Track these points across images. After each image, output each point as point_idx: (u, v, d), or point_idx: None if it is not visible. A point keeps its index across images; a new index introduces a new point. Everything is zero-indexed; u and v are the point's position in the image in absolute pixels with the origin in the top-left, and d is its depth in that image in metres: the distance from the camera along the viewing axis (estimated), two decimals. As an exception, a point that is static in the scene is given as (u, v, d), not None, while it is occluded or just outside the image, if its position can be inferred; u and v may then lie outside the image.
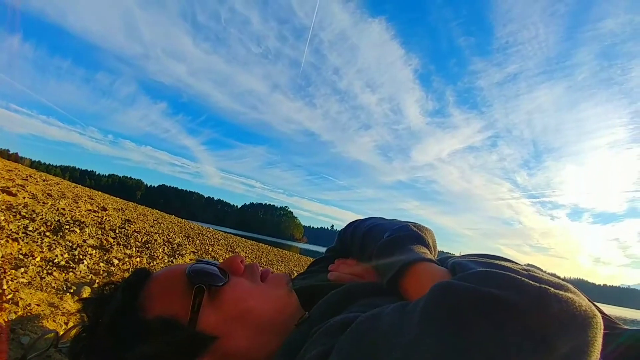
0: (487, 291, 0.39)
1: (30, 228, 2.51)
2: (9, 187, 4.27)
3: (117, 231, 3.86)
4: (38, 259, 1.90)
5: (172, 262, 3.21)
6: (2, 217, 2.55)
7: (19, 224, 2.52)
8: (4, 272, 1.52)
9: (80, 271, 1.96)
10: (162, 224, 7.27)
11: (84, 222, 3.58)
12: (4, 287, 1.35)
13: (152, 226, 6.03)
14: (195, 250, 4.57)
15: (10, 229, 2.28)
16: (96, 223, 3.89)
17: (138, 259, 2.78)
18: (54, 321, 1.24)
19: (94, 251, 2.51)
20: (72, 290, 1.62)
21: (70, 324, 1.23)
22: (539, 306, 0.37)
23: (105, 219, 4.59)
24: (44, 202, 4.10)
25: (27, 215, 2.94)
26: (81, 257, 2.23)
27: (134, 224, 5.18)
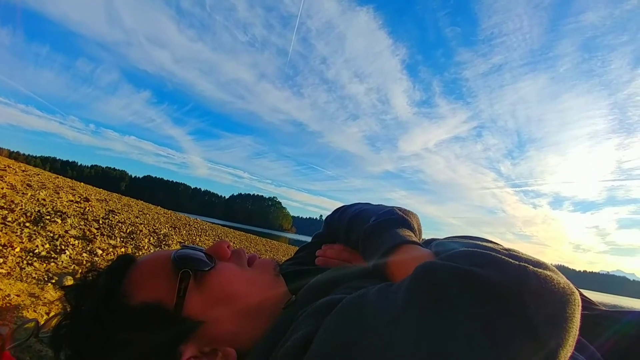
0: (468, 269, 0.40)
1: (9, 219, 2.44)
2: (-15, 178, 4.13)
3: (101, 222, 3.79)
4: (18, 249, 1.85)
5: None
6: (-21, 208, 2.47)
7: (-3, 214, 2.44)
8: (-18, 263, 1.48)
9: (62, 261, 1.92)
10: (148, 215, 7.16)
11: (65, 212, 3.49)
12: (-18, 278, 1.31)
13: (137, 217, 5.94)
14: (182, 241, 4.54)
15: (-12, 220, 2.21)
16: (78, 214, 3.80)
17: (123, 249, 2.74)
18: (35, 311, 1.21)
19: (77, 242, 2.46)
20: (53, 281, 1.58)
21: (52, 314, 1.21)
22: (519, 283, 0.38)
23: (88, 209, 4.49)
24: (23, 193, 3.99)
25: (5, 206, 2.85)
26: (63, 247, 2.18)
27: (118, 214, 5.09)
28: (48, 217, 2.88)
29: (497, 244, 0.58)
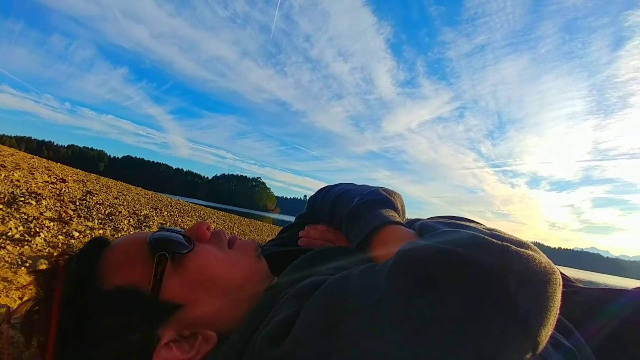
0: (451, 249, 0.40)
1: (-22, 200, 2.33)
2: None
3: (78, 203, 3.67)
4: (-12, 232, 1.78)
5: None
6: (-56, 189, 2.35)
7: (-36, 196, 2.33)
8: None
9: (37, 244, 1.86)
10: (128, 196, 6.99)
11: (40, 194, 3.37)
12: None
13: (116, 198, 5.79)
14: (164, 222, 4.47)
15: (-46, 202, 2.10)
16: (54, 195, 3.67)
17: (101, 231, 2.67)
18: (7, 296, 1.17)
19: (52, 224, 2.37)
20: (27, 264, 1.53)
21: (25, 298, 1.17)
22: (501, 262, 0.38)
23: (65, 190, 4.34)
24: (-7, 174, 3.81)
25: (-27, 187, 2.72)
26: (37, 230, 2.11)
27: (96, 195, 4.94)
28: (22, 199, 2.77)
29: (480, 223, 0.58)
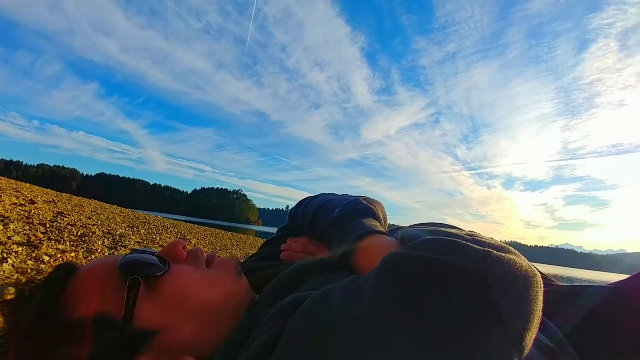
0: (433, 257, 0.40)
1: (-63, 227, 2.18)
2: None
3: (48, 225, 3.50)
4: (-52, 261, 1.66)
5: (113, 253, 3.00)
6: None
7: None
8: None
9: (4, 271, 1.75)
10: (102, 215, 6.73)
11: (8, 217, 3.20)
12: None
13: (89, 218, 5.57)
14: (141, 240, 4.30)
15: None
16: (23, 218, 3.49)
17: (73, 254, 2.55)
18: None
19: (20, 248, 2.25)
20: (-7, 294, 1.43)
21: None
22: (483, 268, 0.38)
23: (34, 212, 4.14)
24: (-46, 198, 3.59)
25: None
26: (5, 255, 1.99)
27: (67, 216, 4.74)
28: (-15, 224, 2.61)
29: (461, 229, 0.59)
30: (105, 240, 3.67)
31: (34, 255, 2.21)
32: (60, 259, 2.29)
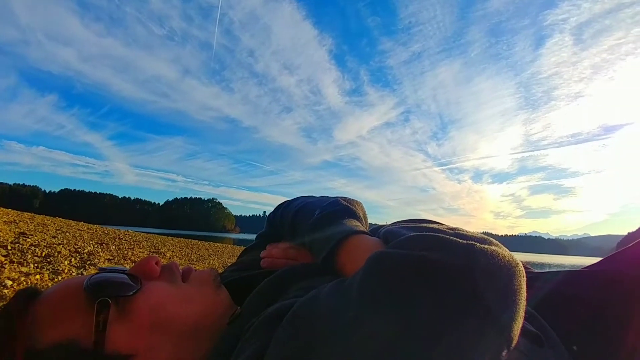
0: (418, 255, 0.39)
1: None
2: None
3: (10, 247, 3.27)
4: None
5: (82, 274, 2.84)
6: None
7: None
8: None
9: (-42, 302, 1.61)
10: (68, 233, 6.37)
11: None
12: None
13: (54, 237, 5.26)
14: (111, 257, 4.09)
15: None
16: (-22, 242, 3.25)
17: (38, 277, 2.39)
18: None
19: (-23, 275, 2.08)
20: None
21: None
22: (468, 262, 0.38)
23: (-9, 235, 3.86)
24: None
25: None
26: (-42, 284, 1.83)
27: (30, 236, 4.45)
28: None
29: (442, 224, 0.58)
30: (73, 259, 3.46)
31: (-7, 281, 2.05)
32: (25, 283, 2.14)
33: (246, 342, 0.44)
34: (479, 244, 0.40)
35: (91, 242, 5.49)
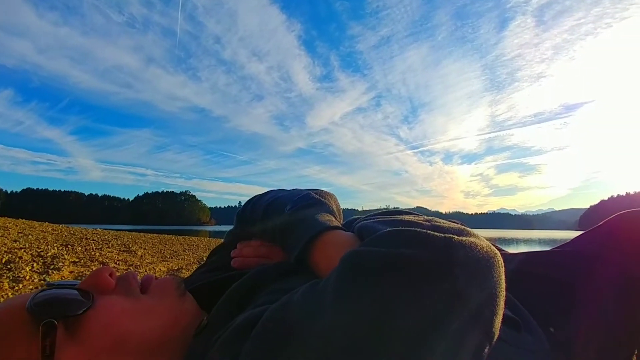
0: (395, 252, 0.37)
1: None
2: None
3: (-39, 256, 3.04)
4: None
5: (45, 279, 2.67)
6: None
7: None
8: None
9: None
10: (31, 236, 6.01)
11: None
12: None
13: (15, 241, 4.94)
14: (77, 260, 3.88)
15: None
16: None
17: (-5, 286, 2.23)
18: None
19: None
20: None
21: None
22: (447, 257, 0.36)
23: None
24: None
25: None
26: None
27: (-13, 242, 4.16)
28: None
29: (418, 214, 0.56)
30: (35, 264, 3.26)
31: (-59, 294, 1.89)
32: (-22, 295, 1.99)
33: (212, 358, 0.40)
34: (457, 237, 0.38)
35: (55, 244, 5.19)
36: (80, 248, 5.21)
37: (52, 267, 3.23)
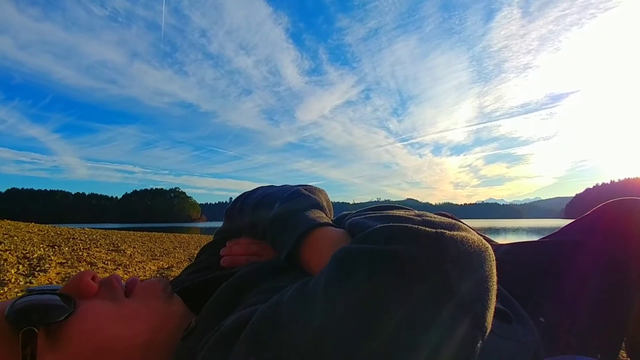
0: (386, 249, 0.36)
1: None
2: None
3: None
4: None
5: (31, 282, 2.61)
6: None
7: None
8: None
9: None
10: (16, 237, 5.86)
11: None
12: None
13: (0, 242, 4.82)
14: (65, 261, 3.80)
15: None
16: None
17: (-21, 290, 2.17)
18: None
19: None
20: None
21: None
22: (438, 253, 0.36)
23: None
24: None
25: None
26: None
27: (-31, 245, 4.04)
28: None
29: (409, 209, 0.56)
30: (21, 266, 3.18)
31: None
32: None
33: None
34: (448, 232, 0.38)
35: (42, 245, 5.08)
36: (67, 248, 5.10)
37: (38, 269, 3.16)
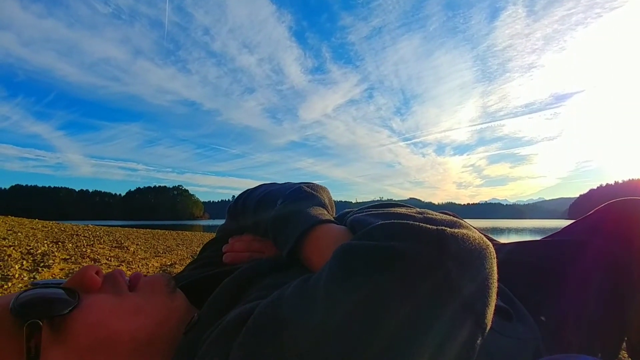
0: (387, 246, 0.36)
1: None
2: None
3: (-52, 255, 2.98)
4: None
5: (35, 277, 2.63)
6: None
7: None
8: None
9: None
10: (20, 233, 5.91)
11: None
12: None
13: (4, 238, 4.86)
14: (68, 257, 3.82)
15: None
16: None
17: (-16, 285, 2.19)
18: None
19: None
20: None
21: None
22: (439, 250, 0.36)
23: None
24: None
25: None
26: None
27: (-25, 241, 4.08)
28: None
29: (411, 207, 0.56)
30: (25, 262, 3.21)
31: None
32: (-34, 294, 1.95)
33: (203, 356, 0.40)
34: (449, 229, 0.38)
35: (45, 242, 5.12)
36: (71, 245, 5.14)
37: (42, 264, 3.18)
